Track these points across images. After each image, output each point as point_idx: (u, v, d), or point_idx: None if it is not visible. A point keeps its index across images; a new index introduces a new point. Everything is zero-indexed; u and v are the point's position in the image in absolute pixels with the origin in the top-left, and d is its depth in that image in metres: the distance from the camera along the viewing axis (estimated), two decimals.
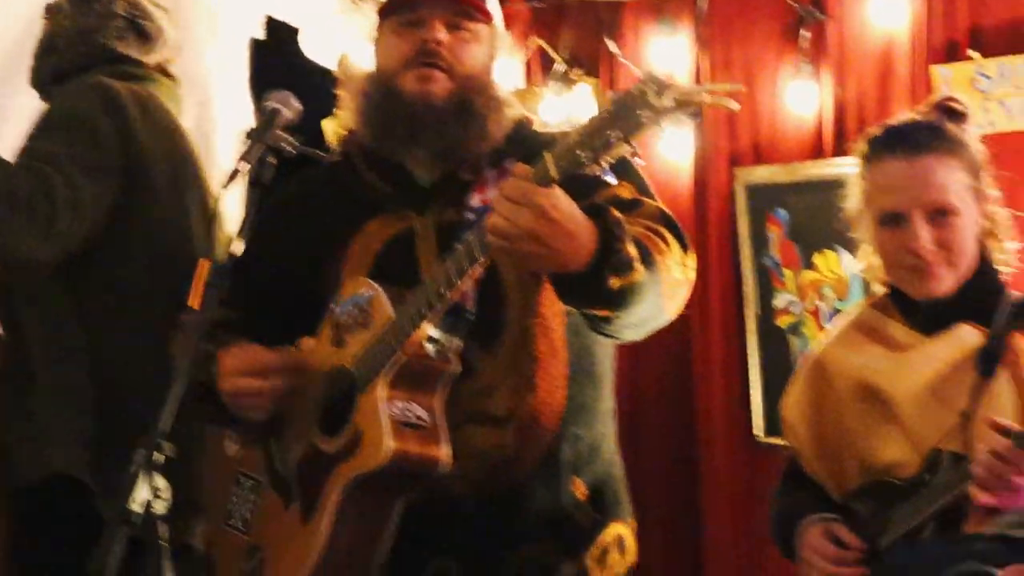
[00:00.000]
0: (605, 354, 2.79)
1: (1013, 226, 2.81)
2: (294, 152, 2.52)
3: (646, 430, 4.72)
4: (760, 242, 4.52)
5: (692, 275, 2.61)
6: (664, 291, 2.48)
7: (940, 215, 2.69)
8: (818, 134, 4.54)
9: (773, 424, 3.82)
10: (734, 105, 2.21)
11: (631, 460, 4.63)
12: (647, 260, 2.41)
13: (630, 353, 4.68)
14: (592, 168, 2.19)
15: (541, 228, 2.25)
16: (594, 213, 2.34)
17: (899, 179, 2.72)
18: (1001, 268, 2.79)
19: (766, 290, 4.51)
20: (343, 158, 2.87)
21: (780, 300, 4.47)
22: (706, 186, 4.65)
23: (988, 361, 2.64)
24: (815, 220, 4.35)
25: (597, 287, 2.33)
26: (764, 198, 4.52)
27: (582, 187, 2.34)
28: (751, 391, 4.51)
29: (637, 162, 2.60)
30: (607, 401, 2.80)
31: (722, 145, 4.65)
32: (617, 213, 2.36)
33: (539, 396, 2.63)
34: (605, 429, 2.80)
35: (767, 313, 4.51)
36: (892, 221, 2.72)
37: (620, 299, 2.37)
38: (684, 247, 2.60)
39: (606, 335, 2.57)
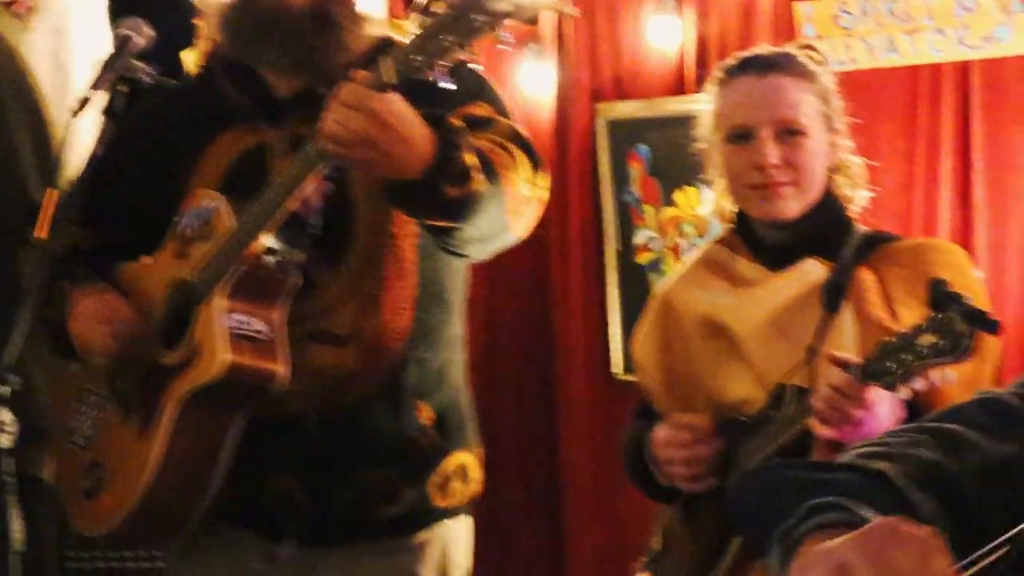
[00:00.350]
0: (456, 279, 2.76)
1: (863, 161, 2.80)
2: (150, 81, 2.47)
3: (503, 364, 4.70)
4: (621, 178, 4.50)
5: (543, 194, 2.59)
6: (509, 206, 2.46)
7: (788, 134, 2.66)
8: (680, 70, 4.52)
9: (631, 361, 3.77)
10: (571, 10, 2.19)
11: (487, 393, 4.67)
12: (489, 172, 2.39)
13: (489, 287, 4.67)
14: (428, 73, 2.18)
15: (375, 133, 2.24)
16: (434, 121, 2.31)
17: (749, 95, 2.69)
18: (849, 203, 2.78)
19: (626, 226, 4.49)
20: (203, 72, 2.82)
21: (640, 237, 4.46)
22: (567, 121, 4.61)
23: (833, 296, 2.63)
24: (676, 156, 4.32)
25: (433, 195, 2.31)
26: (625, 134, 4.49)
27: (433, 101, 2.32)
28: (610, 328, 4.50)
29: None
30: (456, 327, 2.78)
31: (584, 80, 4.62)
32: (457, 121, 2.35)
33: (384, 317, 2.61)
34: (452, 355, 2.77)
35: (627, 250, 4.49)
36: (740, 138, 2.69)
37: (458, 209, 2.35)
38: (535, 166, 2.57)
39: (451, 251, 2.55)
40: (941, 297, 2.23)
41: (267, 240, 2.47)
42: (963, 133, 3.42)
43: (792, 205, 2.67)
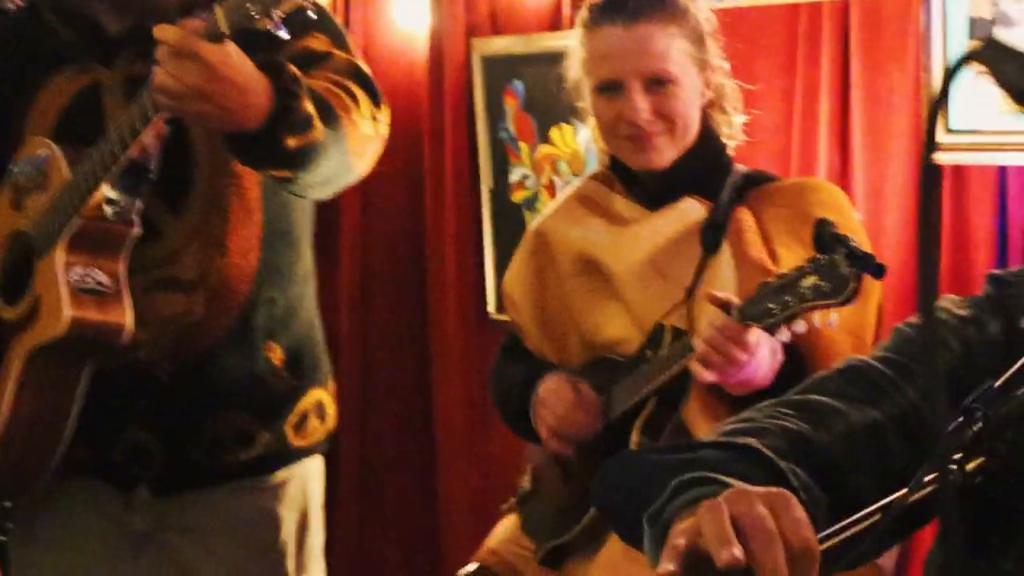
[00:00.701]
0: (303, 215, 2.70)
1: (741, 98, 2.76)
2: None
3: (376, 304, 4.64)
4: (496, 115, 4.42)
5: (384, 130, 2.53)
6: (351, 148, 2.41)
7: (658, 84, 2.61)
8: (556, 5, 4.44)
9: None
10: None
11: (361, 334, 4.63)
12: (330, 118, 2.34)
13: (362, 226, 4.61)
14: (264, 22, 2.10)
15: (209, 85, 2.16)
16: (270, 70, 2.25)
17: (616, 47, 2.62)
18: (727, 141, 2.75)
19: (501, 164, 4.42)
20: (28, 7, 2.68)
21: (515, 174, 4.39)
22: (441, 57, 4.52)
23: (712, 236, 2.61)
24: (552, 93, 4.21)
25: (273, 147, 2.26)
26: (500, 70, 4.42)
27: (270, 48, 2.25)
28: (485, 267, 4.46)
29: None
30: (304, 263, 2.72)
31: (458, 15, 4.52)
32: (295, 70, 2.28)
33: (230, 259, 2.54)
34: (302, 291, 2.71)
35: (502, 188, 4.43)
36: (609, 90, 2.64)
37: (299, 159, 2.30)
38: (376, 101, 2.51)
39: (293, 194, 2.50)
40: (826, 238, 2.20)
41: (106, 190, 2.40)
42: (842, 72, 3.40)
43: (667, 154, 2.63)
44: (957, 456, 1.28)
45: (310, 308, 2.74)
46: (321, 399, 2.72)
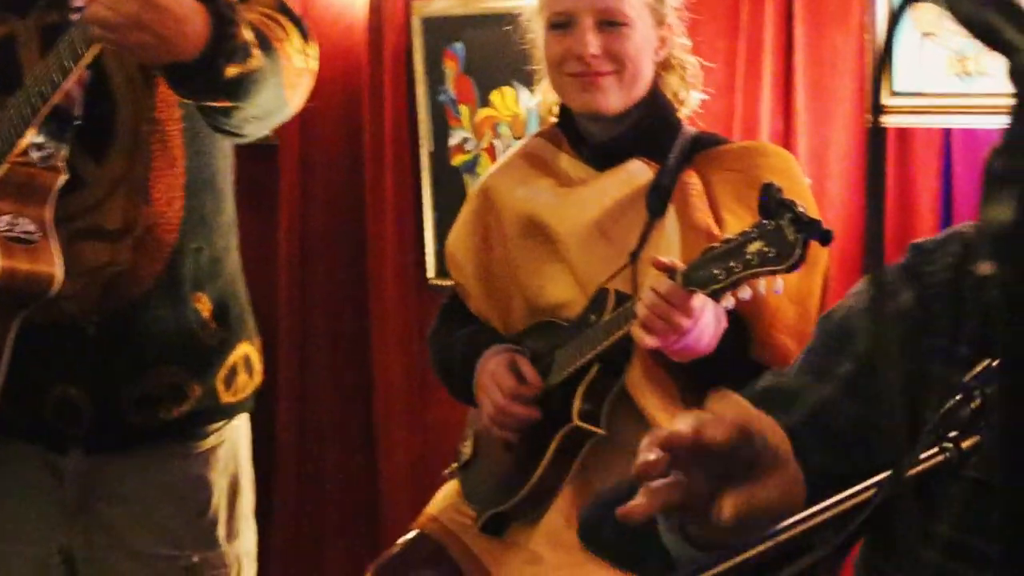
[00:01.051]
0: (225, 163, 2.67)
1: (701, 77, 2.73)
2: None
3: (315, 269, 4.59)
4: (436, 77, 4.36)
5: (314, 65, 2.52)
6: (286, 80, 2.40)
7: (611, 24, 2.57)
8: None
9: (444, 265, 3.70)
10: None
11: (300, 299, 4.57)
12: (265, 46, 2.32)
13: (301, 190, 4.55)
14: None
15: (146, 14, 2.13)
16: None
17: None
18: (679, 107, 2.71)
19: (441, 127, 4.37)
20: None
21: (455, 137, 4.34)
22: (381, 18, 4.45)
23: (658, 199, 2.57)
24: (493, 55, 4.22)
25: (213, 76, 2.23)
26: (441, 32, 4.36)
27: None
28: (424, 231, 4.41)
29: None
30: (228, 213, 2.69)
31: None
32: None
33: (155, 207, 2.52)
34: (227, 242, 2.69)
35: (441, 151, 4.37)
36: (561, 26, 2.60)
37: (239, 88, 2.28)
38: (304, 36, 2.50)
39: (228, 131, 2.48)
40: (773, 204, 2.16)
41: (31, 136, 2.37)
42: (785, 34, 3.37)
43: (613, 98, 2.59)
44: (953, 434, 1.26)
45: (235, 260, 2.72)
46: (248, 353, 2.71)
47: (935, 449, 1.27)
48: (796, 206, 2.13)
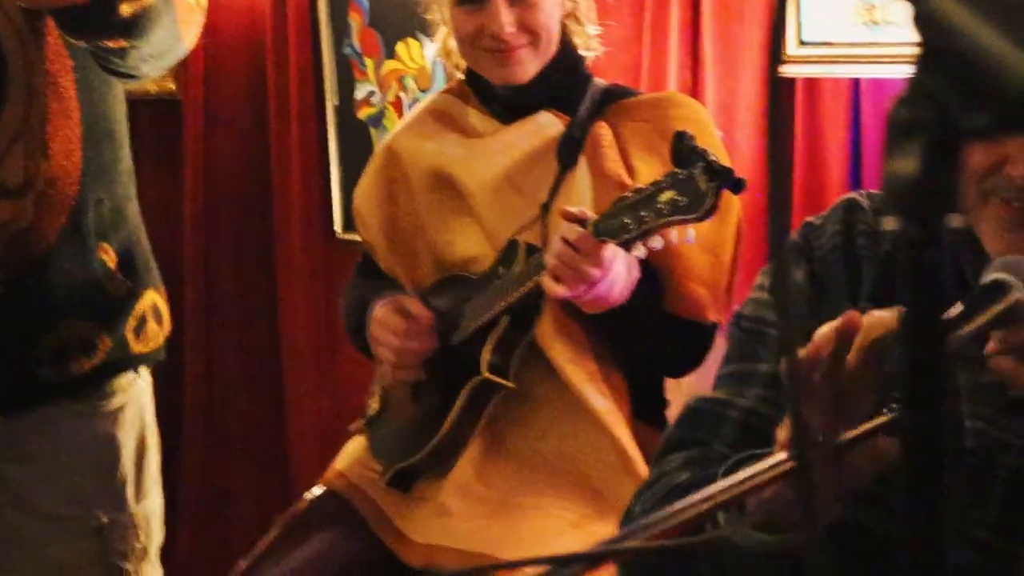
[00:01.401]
0: (119, 110, 2.61)
1: (595, 8, 2.70)
2: None
3: (221, 223, 4.53)
4: (340, 30, 4.31)
5: (204, 1, 2.48)
6: (180, 16, 2.36)
7: None
8: None
9: (351, 219, 3.68)
10: None
11: (205, 254, 4.51)
12: None
13: (205, 144, 4.49)
14: None
15: None
16: None
17: None
18: (584, 53, 2.68)
19: (346, 81, 4.31)
20: None
21: (361, 91, 4.29)
22: None
23: (568, 151, 2.55)
24: (397, 7, 4.17)
25: (107, 15, 2.19)
26: None
27: None
28: (331, 185, 4.36)
29: None
30: (126, 161, 2.64)
31: None
32: None
33: (54, 160, 2.45)
34: (127, 191, 2.64)
35: (347, 105, 4.32)
36: (470, 2, 2.56)
37: (134, 26, 2.24)
38: None
39: (123, 73, 2.43)
40: (684, 152, 2.13)
41: None
42: None
43: (530, 68, 2.58)
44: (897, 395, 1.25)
45: (135, 209, 2.67)
46: (156, 302, 2.67)
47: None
48: (708, 155, 2.11)
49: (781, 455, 1.11)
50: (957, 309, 1.28)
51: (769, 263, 1.69)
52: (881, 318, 1.28)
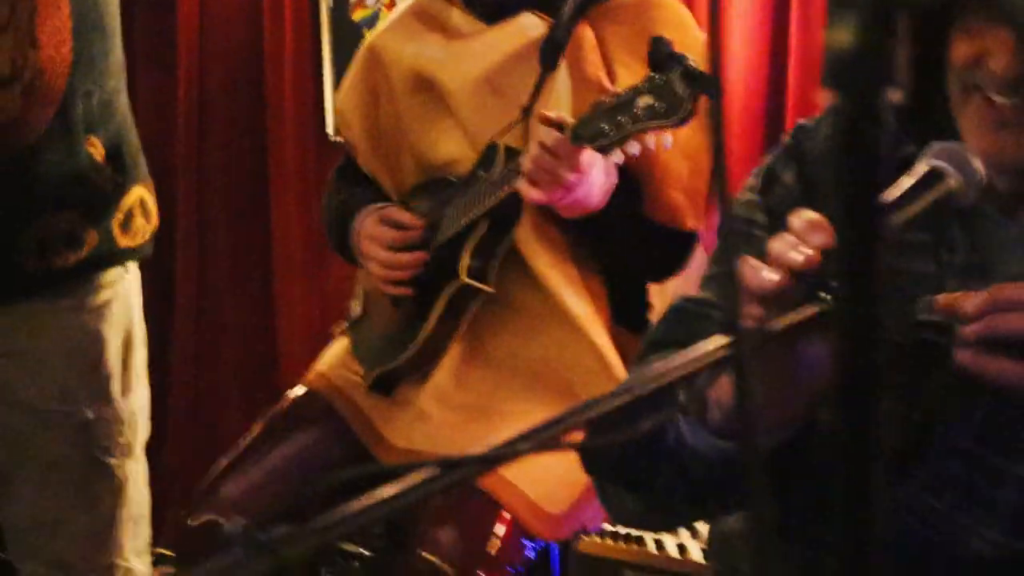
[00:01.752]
0: (113, 4, 2.59)
1: None
2: None
3: (215, 125, 4.52)
4: None
5: None
6: None
7: None
8: None
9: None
10: None
11: (198, 155, 4.50)
12: None
13: (199, 47, 4.46)
14: None
15: None
16: None
17: None
18: None
19: None
20: None
21: None
22: None
23: (550, 53, 2.52)
24: None
25: None
26: None
27: None
28: (324, 88, 4.34)
29: None
30: (117, 54, 2.62)
31: None
32: None
33: (44, 52, 2.43)
34: (117, 84, 2.62)
35: (341, 6, 4.29)
36: None
37: None
38: None
39: None
40: (662, 57, 2.10)
41: None
42: None
43: None
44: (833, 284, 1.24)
45: (124, 102, 2.65)
46: (143, 197, 2.66)
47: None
48: (686, 60, 2.08)
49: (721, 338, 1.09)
50: (899, 189, 1.28)
51: (762, 161, 1.67)
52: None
